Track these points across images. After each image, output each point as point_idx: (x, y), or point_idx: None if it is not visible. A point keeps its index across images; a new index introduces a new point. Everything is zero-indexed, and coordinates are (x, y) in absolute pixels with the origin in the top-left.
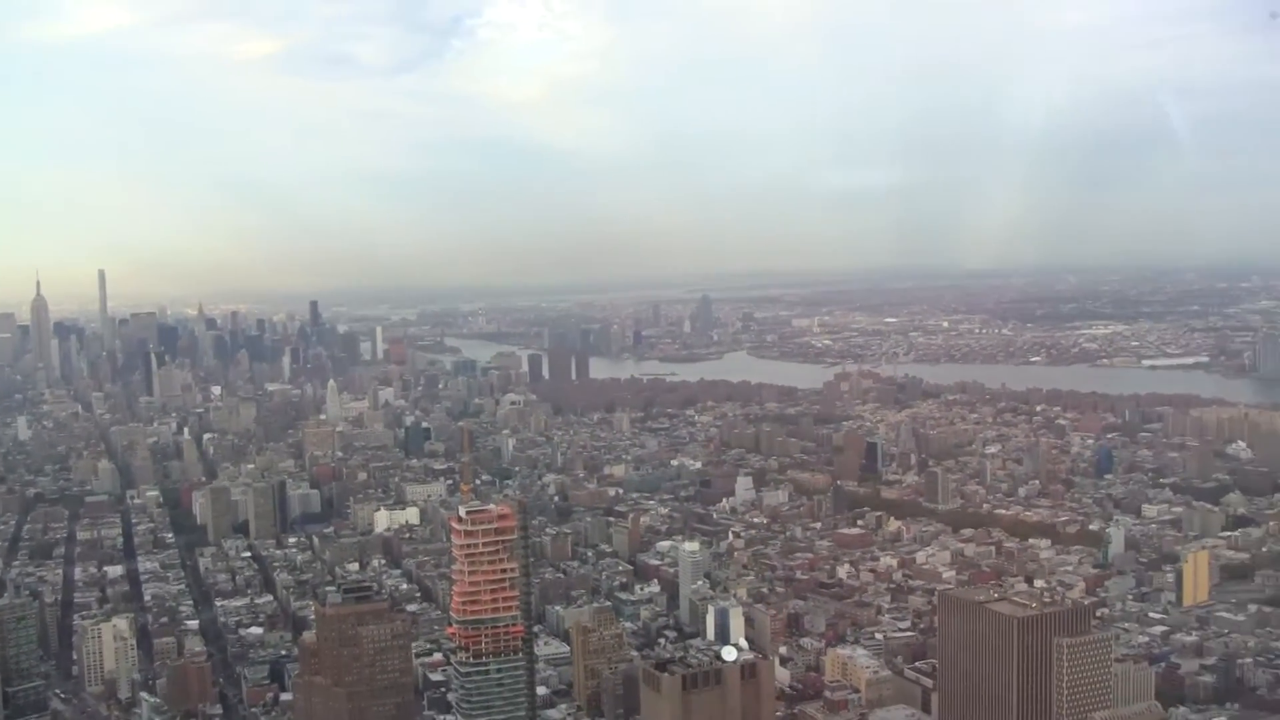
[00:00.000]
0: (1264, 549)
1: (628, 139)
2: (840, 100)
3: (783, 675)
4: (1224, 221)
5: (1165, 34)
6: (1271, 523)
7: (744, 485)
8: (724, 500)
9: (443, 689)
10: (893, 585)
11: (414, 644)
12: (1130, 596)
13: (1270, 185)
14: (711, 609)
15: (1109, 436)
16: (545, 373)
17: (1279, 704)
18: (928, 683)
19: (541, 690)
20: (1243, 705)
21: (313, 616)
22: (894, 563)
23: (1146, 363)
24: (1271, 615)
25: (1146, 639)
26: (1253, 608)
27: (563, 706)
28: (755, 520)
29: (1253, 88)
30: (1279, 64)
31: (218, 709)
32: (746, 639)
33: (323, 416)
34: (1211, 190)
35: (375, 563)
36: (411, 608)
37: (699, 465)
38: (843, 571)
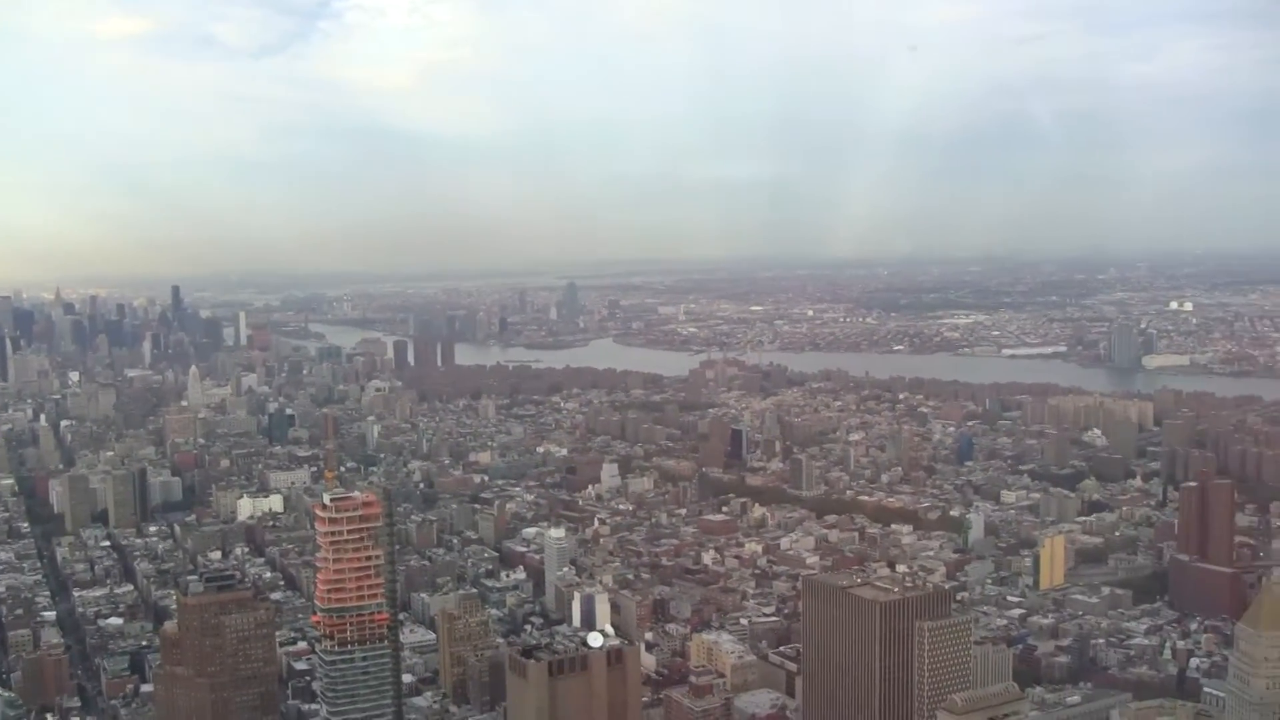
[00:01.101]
0: (1117, 533)
1: (497, 127)
2: (711, 92)
3: (649, 661)
4: (1082, 215)
5: (1030, 31)
6: (1124, 508)
7: (610, 472)
8: (590, 487)
9: (307, 678)
10: (757, 571)
11: (278, 633)
12: (989, 580)
13: (1126, 181)
14: (577, 595)
15: (970, 424)
16: (411, 359)
17: (1130, 682)
18: (792, 667)
19: (407, 678)
20: (1096, 684)
21: (174, 606)
22: (759, 549)
23: (1006, 352)
24: (1124, 597)
25: (1005, 621)
26: (1106, 590)
27: (429, 694)
28: (621, 507)
29: (1111, 86)
30: (1137, 63)
31: (75, 702)
32: (612, 625)
33: (184, 403)
34: (1071, 185)
35: (238, 551)
36: (275, 596)
37: (565, 452)
38: (708, 558)
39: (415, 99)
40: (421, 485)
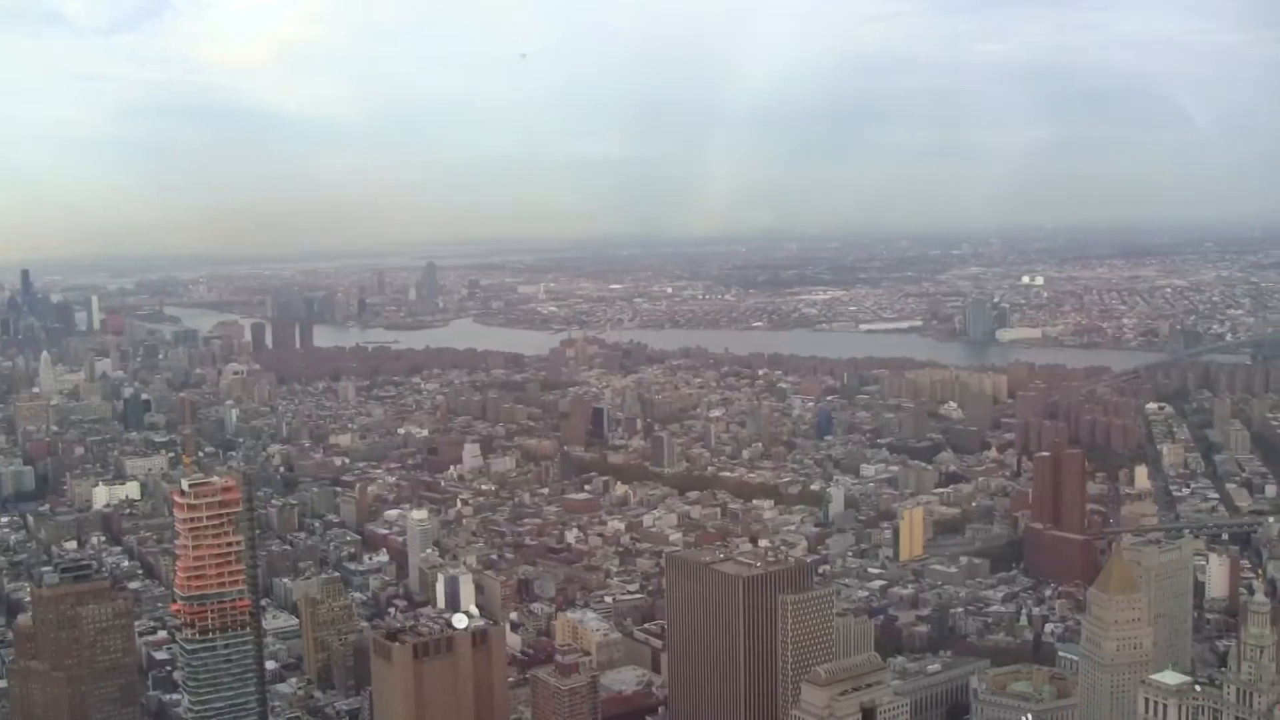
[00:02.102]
0: (974, 504)
1: (354, 106)
2: (569, 71)
3: (514, 641)
4: (936, 192)
5: (884, 9)
6: (981, 478)
7: (471, 452)
8: (452, 468)
9: (168, 668)
10: (621, 549)
11: (137, 623)
12: (850, 553)
13: (979, 158)
14: (441, 577)
15: (829, 399)
16: (269, 342)
17: (988, 649)
18: (657, 643)
19: (271, 665)
20: (955, 652)
21: (28, 599)
22: (622, 526)
23: (864, 327)
24: (981, 566)
25: (866, 593)
26: (964, 560)
27: (293, 680)
28: (483, 487)
29: (963, 64)
30: (989, 42)
31: None
32: (477, 606)
33: (36, 390)
34: (925, 161)
35: (94, 540)
36: (134, 585)
37: (426, 433)
38: (571, 536)
39: (271, 77)
40: (281, 469)
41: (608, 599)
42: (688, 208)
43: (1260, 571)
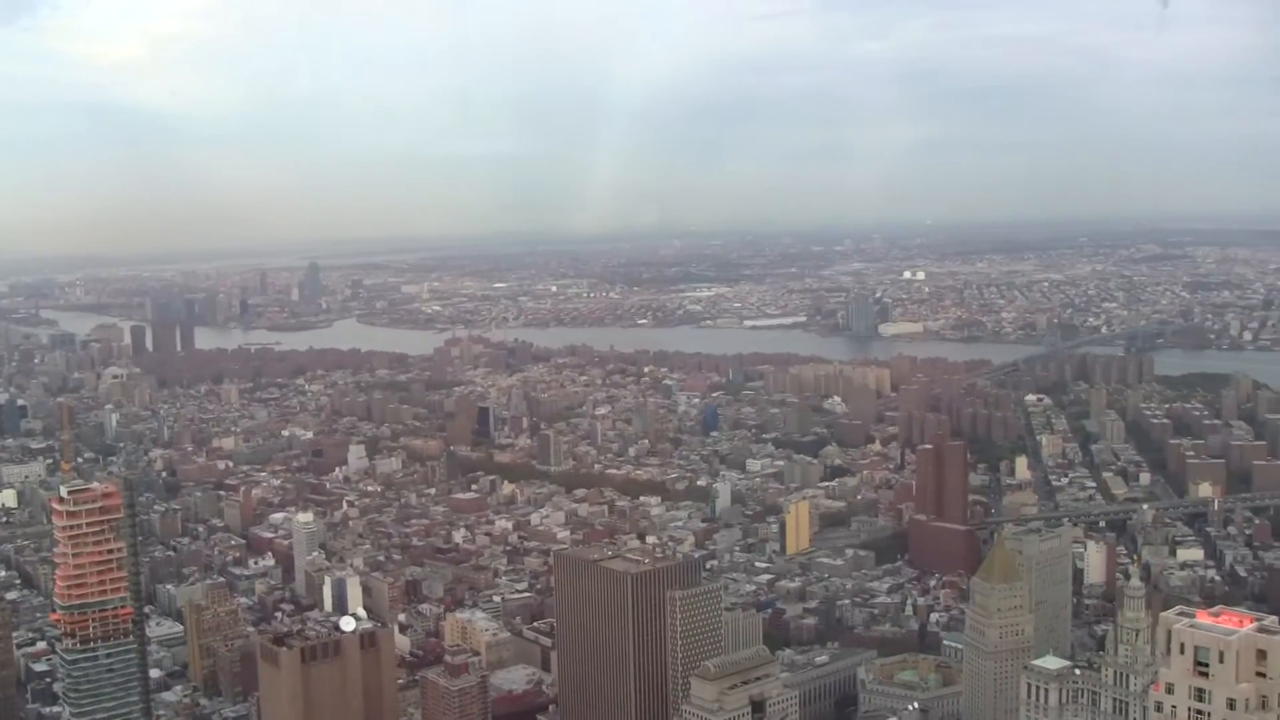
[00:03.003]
0: (859, 497)
1: (237, 103)
2: (453, 69)
3: (403, 642)
4: (819, 188)
5: (768, 9)
6: (865, 471)
7: (357, 454)
8: (337, 469)
9: (48, 679)
10: (509, 548)
11: (15, 634)
12: (738, 548)
13: (861, 155)
14: (328, 580)
15: (714, 395)
16: (149, 344)
17: (875, 640)
18: (547, 642)
19: (155, 673)
20: (842, 643)
21: None
22: (509, 525)
23: (748, 323)
24: (866, 558)
25: (754, 587)
26: (850, 552)
27: (178, 688)
28: (369, 488)
29: (845, 63)
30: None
31: None
32: (365, 608)
33: None
34: (808, 159)
35: None
36: (11, 595)
37: (311, 435)
38: (459, 536)
39: (149, 74)
40: (164, 474)
41: (496, 598)
42: (572, 205)
43: (1135, 557)
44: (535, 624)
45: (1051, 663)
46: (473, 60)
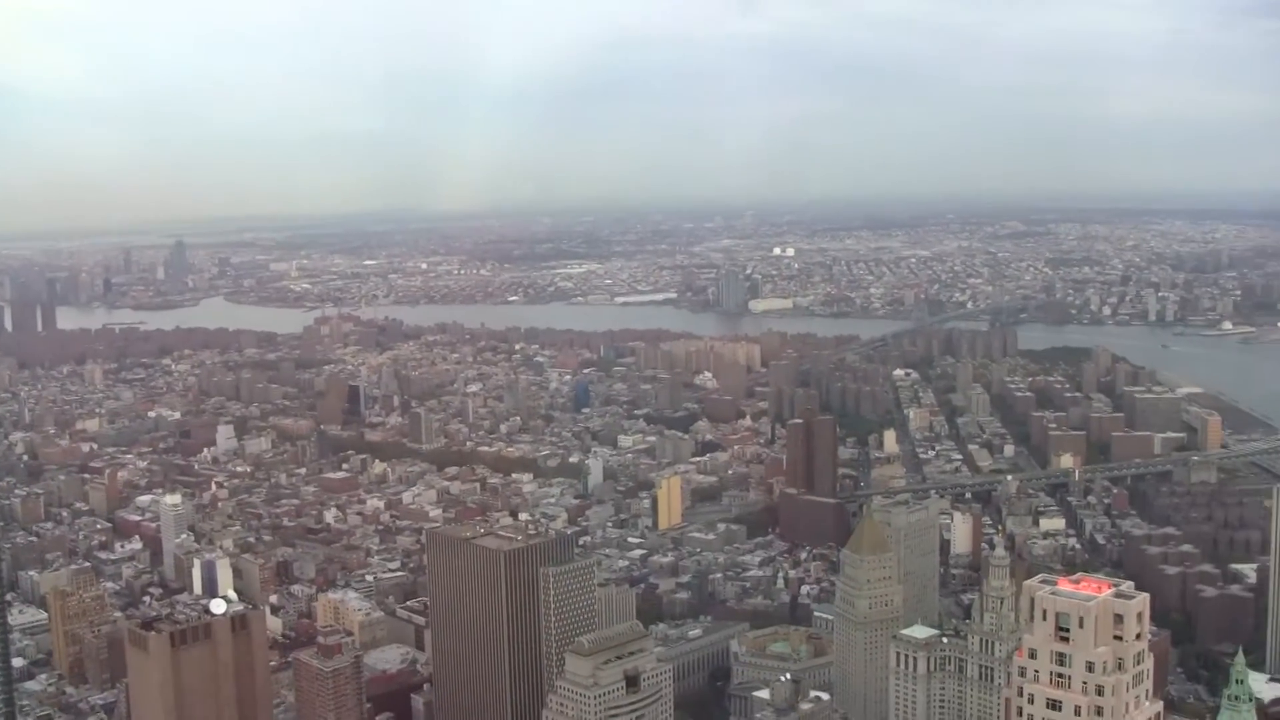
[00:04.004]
0: (729, 471)
1: (102, 80)
2: (324, 47)
3: (275, 624)
4: (690, 166)
5: None
6: (736, 446)
7: (225, 434)
8: (206, 450)
9: None
10: (381, 527)
11: None
12: (610, 524)
13: (730, 132)
14: (198, 562)
15: (585, 371)
16: (8, 325)
17: (747, 612)
18: (420, 620)
19: (18, 662)
20: (715, 616)
21: None
22: (381, 504)
23: (619, 299)
24: (738, 532)
25: (626, 563)
26: (721, 526)
27: (42, 677)
28: (239, 469)
29: (713, 40)
30: (739, 18)
31: None
32: (236, 590)
33: None
34: (678, 136)
35: None
36: None
37: (178, 415)
38: (330, 516)
39: (13, 49)
40: (25, 457)
41: (369, 578)
42: (443, 183)
43: (1000, 528)
44: (408, 603)
45: (920, 632)
46: (342, 38)
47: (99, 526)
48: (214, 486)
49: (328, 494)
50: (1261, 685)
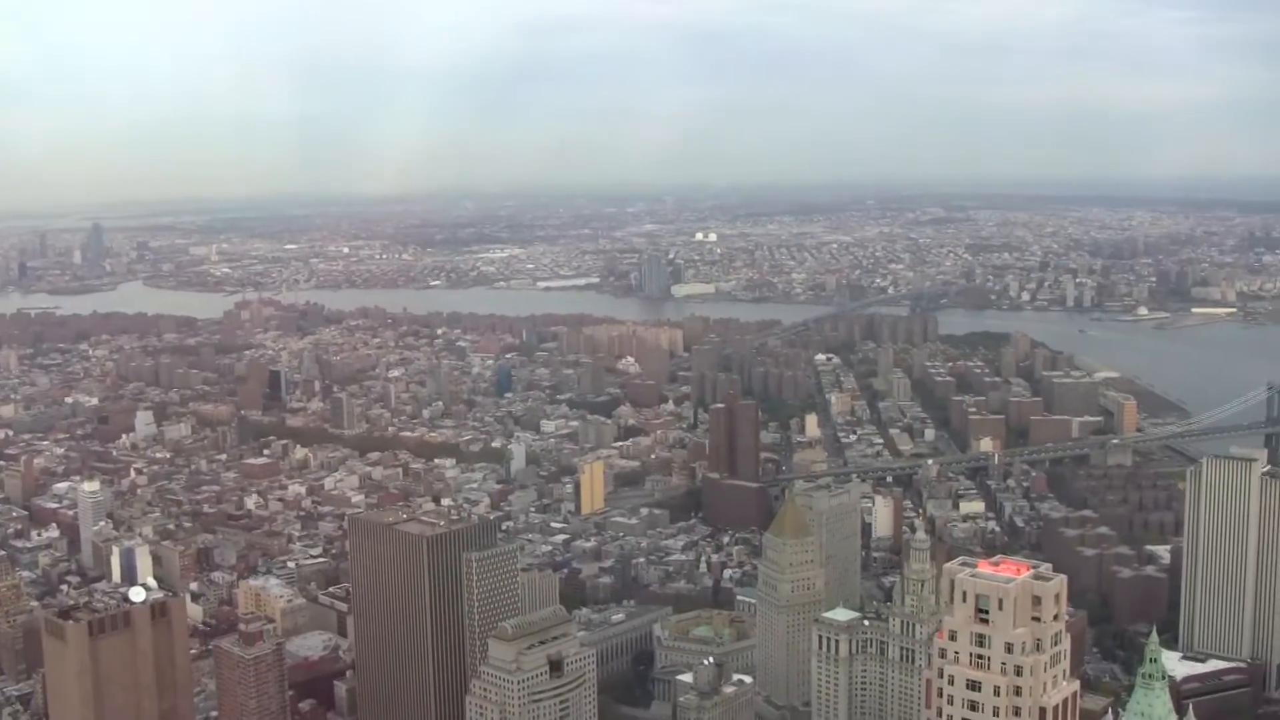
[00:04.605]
0: (652, 456)
1: (15, 62)
2: (246, 30)
3: (195, 612)
4: (612, 150)
5: None
6: (659, 431)
7: (144, 420)
8: (124, 436)
9: None
10: (303, 513)
11: None
12: (533, 508)
13: (653, 117)
14: (116, 550)
15: (508, 356)
16: None
17: (670, 597)
18: (343, 607)
19: None
20: (638, 601)
21: None
22: (303, 490)
23: (542, 284)
24: (661, 516)
25: (549, 548)
26: (644, 511)
27: None
28: (158, 455)
29: (635, 24)
30: (661, 3)
31: None
32: (155, 578)
33: None
34: (601, 120)
35: None
36: None
37: (96, 401)
38: (251, 502)
39: None
40: None
41: (291, 564)
42: (364, 166)
43: (921, 511)
44: (331, 589)
45: (841, 614)
46: (265, 21)
47: (14, 514)
48: (133, 473)
49: (248, 480)
50: (1175, 664)
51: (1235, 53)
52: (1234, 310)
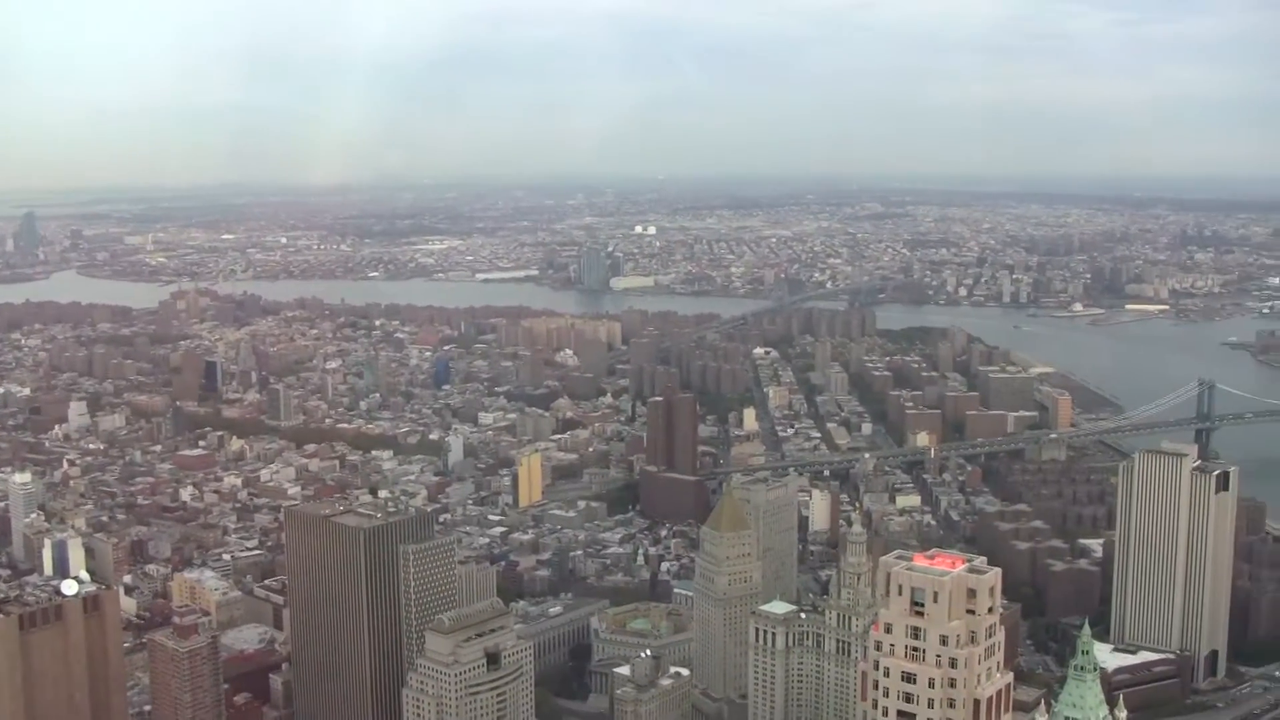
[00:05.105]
0: (590, 449)
1: None
2: (183, 18)
3: (129, 605)
4: (553, 143)
5: None
6: (597, 424)
7: (77, 410)
8: (57, 427)
9: None
10: (238, 505)
11: None
12: (470, 501)
13: (593, 110)
14: (48, 542)
15: (446, 348)
16: None
17: (607, 589)
18: (279, 599)
19: None
20: (576, 593)
21: None
22: (238, 482)
23: (480, 276)
24: (599, 509)
25: (487, 540)
26: (582, 504)
27: None
28: (92, 446)
29: (577, 17)
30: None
31: None
32: (88, 571)
33: None
34: (541, 113)
35: None
36: None
37: (28, 392)
38: (186, 494)
39: None
40: None
41: (226, 557)
42: (303, 157)
43: (858, 505)
44: (266, 582)
45: (778, 607)
46: (205, 8)
47: None
48: (66, 464)
49: (184, 472)
50: (1106, 655)
51: (1172, 54)
52: (1166, 307)
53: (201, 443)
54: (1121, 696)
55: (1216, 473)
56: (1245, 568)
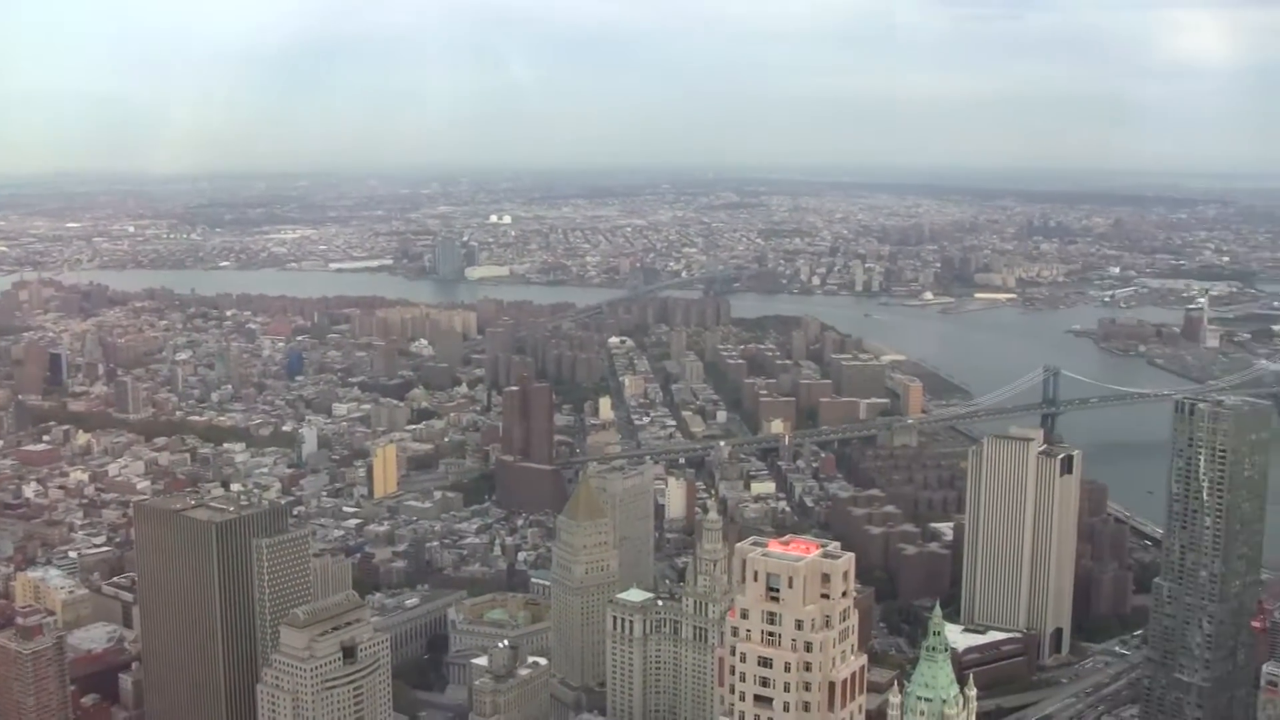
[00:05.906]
0: (446, 439)
1: None
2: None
3: None
4: (406, 130)
5: None
6: (452, 414)
7: None
8: None
9: None
10: (85, 501)
11: None
12: (325, 493)
13: (449, 98)
14: None
15: (299, 339)
16: None
17: (464, 580)
18: (128, 597)
19: None
20: (432, 585)
21: None
22: (85, 477)
23: (334, 266)
24: (455, 500)
25: (342, 532)
26: (438, 494)
27: None
28: None
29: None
30: None
31: None
32: None
33: None
34: (395, 101)
35: None
36: None
37: None
38: (30, 490)
39: None
40: None
41: (73, 554)
42: (151, 144)
43: (713, 492)
44: (115, 579)
45: (635, 595)
46: None
47: None
48: None
49: (27, 467)
50: (957, 636)
51: (1023, 50)
52: (1014, 295)
53: (46, 437)
54: (972, 675)
55: (1061, 456)
56: (1088, 548)
